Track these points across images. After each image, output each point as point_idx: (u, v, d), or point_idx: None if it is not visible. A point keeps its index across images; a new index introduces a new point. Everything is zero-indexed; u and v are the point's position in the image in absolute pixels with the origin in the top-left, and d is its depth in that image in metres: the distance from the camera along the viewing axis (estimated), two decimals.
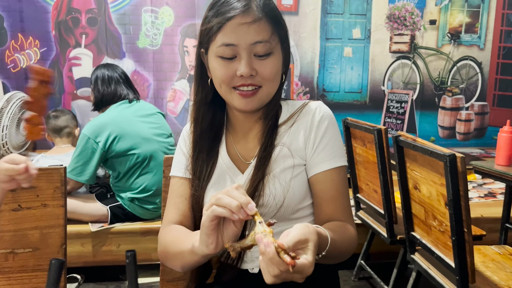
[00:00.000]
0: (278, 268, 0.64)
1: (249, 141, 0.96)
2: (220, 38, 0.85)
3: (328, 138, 0.93)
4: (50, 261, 0.49)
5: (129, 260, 0.53)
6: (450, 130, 3.85)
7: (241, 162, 0.95)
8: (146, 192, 2.15)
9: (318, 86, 3.62)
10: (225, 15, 0.84)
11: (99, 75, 2.22)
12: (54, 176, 0.99)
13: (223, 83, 0.88)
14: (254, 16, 0.84)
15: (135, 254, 0.53)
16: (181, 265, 0.89)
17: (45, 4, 3.16)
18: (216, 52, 0.87)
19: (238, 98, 0.89)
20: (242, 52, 0.85)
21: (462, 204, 1.27)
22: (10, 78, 3.21)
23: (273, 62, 0.88)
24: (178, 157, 1.00)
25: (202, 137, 0.96)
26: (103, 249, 2.15)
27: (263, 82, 0.88)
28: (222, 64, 0.87)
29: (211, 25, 0.86)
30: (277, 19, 0.89)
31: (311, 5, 3.50)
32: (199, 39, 0.91)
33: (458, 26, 3.73)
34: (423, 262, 1.60)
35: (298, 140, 0.93)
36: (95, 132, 2.06)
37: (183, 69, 3.37)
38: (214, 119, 0.97)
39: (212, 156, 0.96)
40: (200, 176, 0.94)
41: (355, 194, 2.20)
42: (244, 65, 0.85)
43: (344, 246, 0.87)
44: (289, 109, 0.97)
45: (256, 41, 0.85)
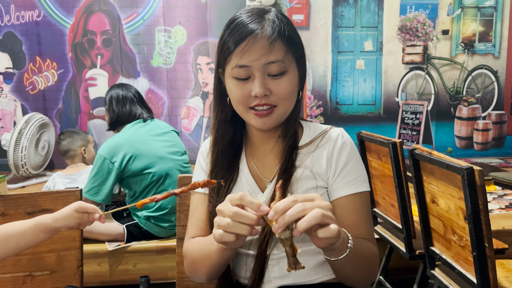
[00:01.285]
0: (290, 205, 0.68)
1: (269, 160, 0.97)
2: (234, 59, 0.86)
3: (351, 164, 0.93)
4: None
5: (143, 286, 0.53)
6: (468, 140, 3.80)
7: (261, 180, 0.96)
8: (161, 211, 2.17)
9: (331, 99, 3.62)
10: (239, 37, 0.85)
11: (113, 95, 2.26)
12: (70, 199, 1.01)
13: (239, 104, 0.90)
14: (267, 37, 0.85)
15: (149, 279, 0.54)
16: (208, 270, 0.90)
17: (62, 27, 3.25)
18: (231, 73, 0.88)
19: (254, 118, 0.90)
20: (255, 72, 0.86)
21: (482, 218, 1.24)
22: (28, 100, 3.29)
23: (288, 81, 0.88)
24: (198, 173, 1.02)
25: (222, 154, 0.97)
26: (120, 268, 2.16)
27: (278, 101, 0.89)
28: (237, 85, 0.88)
29: (226, 46, 0.87)
30: (291, 39, 0.89)
31: (322, 20, 3.53)
32: (216, 60, 0.93)
33: (472, 35, 3.71)
34: (444, 278, 1.57)
35: (320, 164, 0.93)
36: (111, 152, 2.09)
37: (196, 86, 3.41)
38: (234, 136, 0.98)
39: (231, 172, 0.97)
40: (218, 192, 0.95)
41: (372, 208, 2.18)
42: (258, 85, 0.86)
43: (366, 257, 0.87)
44: (311, 132, 0.98)
45: (269, 61, 0.86)
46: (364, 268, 0.87)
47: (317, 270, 0.93)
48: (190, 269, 0.96)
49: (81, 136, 2.62)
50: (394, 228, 1.95)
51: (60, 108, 3.31)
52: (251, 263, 0.92)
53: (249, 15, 0.88)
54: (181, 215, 1.14)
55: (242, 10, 0.91)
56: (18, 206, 1.01)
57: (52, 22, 3.23)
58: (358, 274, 0.87)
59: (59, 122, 3.29)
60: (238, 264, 0.97)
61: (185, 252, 0.97)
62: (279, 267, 0.92)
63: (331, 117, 3.59)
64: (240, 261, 0.96)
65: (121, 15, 3.28)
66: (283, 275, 0.92)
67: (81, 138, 2.61)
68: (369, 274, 0.90)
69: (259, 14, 0.88)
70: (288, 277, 0.92)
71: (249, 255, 0.94)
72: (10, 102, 3.28)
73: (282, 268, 0.92)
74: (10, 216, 1.01)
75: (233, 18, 0.90)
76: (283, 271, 0.92)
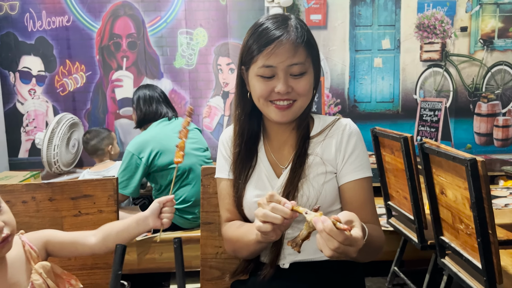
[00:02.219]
0: (337, 239, 0.74)
1: (284, 149, 1.08)
2: (261, 60, 0.98)
3: (358, 151, 1.04)
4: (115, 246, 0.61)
5: (176, 246, 0.65)
6: (487, 136, 3.79)
7: (277, 167, 1.07)
8: (185, 203, 2.30)
9: (349, 97, 3.68)
10: (266, 41, 0.97)
11: (141, 95, 2.40)
12: (108, 185, 1.14)
13: (261, 98, 1.01)
14: (292, 42, 0.97)
15: (181, 240, 0.65)
16: (247, 254, 1.04)
17: (90, 32, 3.40)
18: (257, 72, 0.99)
19: (274, 111, 1.01)
20: (280, 72, 0.98)
21: (485, 206, 1.32)
22: (59, 101, 3.45)
23: (307, 80, 1.00)
24: (220, 160, 1.13)
25: (243, 144, 1.08)
26: (147, 257, 2.30)
27: (298, 97, 1.00)
28: (261, 82, 1.00)
29: (253, 48, 0.99)
30: (311, 44, 1.01)
31: (340, 19, 3.59)
32: (240, 59, 1.05)
33: (491, 31, 3.70)
34: (453, 266, 1.64)
35: (330, 152, 1.04)
36: (138, 148, 2.23)
37: (217, 86, 3.52)
38: (252, 128, 1.10)
39: (250, 160, 1.08)
40: (240, 177, 1.07)
41: (386, 201, 2.25)
42: (282, 84, 0.97)
43: (376, 242, 0.97)
44: (321, 123, 1.09)
45: (293, 63, 0.97)
46: (373, 250, 0.97)
47: None
48: (231, 251, 1.10)
49: (106, 135, 2.73)
50: (407, 220, 2.02)
51: (89, 108, 3.46)
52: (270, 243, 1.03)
53: (274, 22, 0.99)
54: (204, 202, 1.26)
55: (266, 17, 1.03)
56: (63, 192, 1.15)
57: (80, 27, 3.38)
58: (369, 256, 0.98)
59: (87, 122, 3.44)
60: None
61: (225, 235, 1.10)
62: None
63: (349, 115, 3.64)
64: None
65: (145, 18, 3.41)
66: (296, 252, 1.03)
67: (106, 136, 2.72)
68: (376, 253, 1.00)
69: (283, 21, 1.00)
70: (301, 254, 1.03)
71: None
72: (42, 103, 3.44)
73: None
74: (56, 201, 1.15)
75: (258, 23, 1.01)
76: None
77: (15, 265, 0.96)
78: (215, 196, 1.25)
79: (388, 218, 2.29)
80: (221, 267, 1.26)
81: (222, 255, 1.25)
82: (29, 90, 3.41)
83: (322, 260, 1.03)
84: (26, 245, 1.00)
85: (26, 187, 1.15)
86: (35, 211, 1.15)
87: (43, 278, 0.97)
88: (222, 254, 1.25)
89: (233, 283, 1.13)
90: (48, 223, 1.15)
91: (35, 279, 0.96)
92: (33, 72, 3.40)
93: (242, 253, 1.05)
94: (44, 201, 1.15)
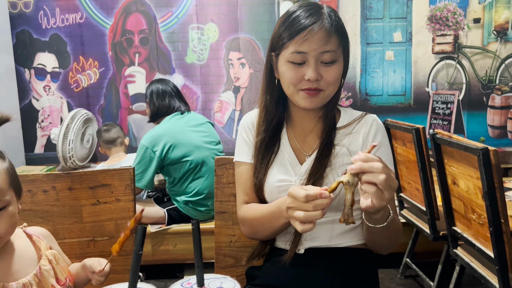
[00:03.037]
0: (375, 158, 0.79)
1: (308, 137, 1.10)
2: (293, 46, 0.99)
3: (384, 147, 1.06)
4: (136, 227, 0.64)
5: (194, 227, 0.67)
6: (501, 129, 3.75)
7: (301, 153, 1.09)
8: (199, 196, 2.33)
9: (361, 90, 3.67)
10: (300, 27, 0.98)
11: (154, 89, 2.43)
12: (125, 175, 1.17)
13: (291, 85, 1.02)
14: (325, 29, 0.98)
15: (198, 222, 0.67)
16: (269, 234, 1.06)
17: (102, 28, 3.44)
18: (288, 58, 1.00)
19: (303, 97, 1.02)
20: (311, 59, 0.99)
21: (497, 195, 1.32)
22: (73, 97, 3.50)
23: (337, 69, 1.01)
24: (241, 144, 1.15)
25: (267, 128, 1.10)
26: (161, 248, 2.34)
27: (327, 86, 1.01)
28: (292, 68, 1.01)
29: (285, 35, 1.00)
30: (343, 34, 1.02)
31: (350, 12, 3.58)
32: (270, 45, 1.06)
33: (505, 22, 3.65)
34: (465, 256, 1.65)
35: (356, 144, 1.06)
36: (152, 142, 2.27)
37: (228, 81, 3.54)
38: (278, 113, 1.11)
39: (273, 145, 1.10)
40: (262, 162, 1.09)
41: (398, 193, 2.26)
42: (312, 70, 0.98)
43: (397, 225, 0.99)
44: (348, 116, 1.10)
45: (324, 50, 0.98)
46: (392, 238, 0.99)
47: (343, 235, 1.06)
48: (249, 233, 1.11)
49: (121, 128, 2.84)
50: (419, 211, 2.03)
51: (102, 104, 3.51)
52: (291, 228, 1.05)
53: (308, 9, 1.01)
54: (218, 192, 1.29)
55: (298, 5, 1.04)
56: (82, 181, 1.19)
57: (93, 24, 3.42)
58: (387, 242, 1.00)
59: (101, 117, 3.49)
60: None
61: (243, 217, 1.11)
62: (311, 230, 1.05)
63: (360, 108, 3.59)
64: None
65: (157, 14, 3.44)
66: (313, 237, 1.06)
67: (122, 129, 2.82)
68: (393, 243, 1.02)
69: (316, 8, 1.01)
70: (317, 240, 1.05)
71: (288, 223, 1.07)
72: (57, 100, 3.50)
73: (314, 232, 1.04)
74: (76, 190, 1.19)
75: (291, 11, 1.03)
76: (313, 233, 1.05)
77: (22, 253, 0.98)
78: (229, 186, 1.28)
79: (400, 210, 2.30)
80: (235, 255, 1.28)
81: (236, 243, 1.28)
82: (44, 86, 3.47)
83: (337, 247, 1.05)
84: (33, 236, 1.02)
85: (46, 177, 1.19)
86: (55, 200, 1.19)
87: (52, 265, 0.99)
88: (236, 243, 1.28)
89: (248, 269, 1.15)
90: (68, 212, 1.19)
91: (43, 264, 0.98)
92: (48, 68, 3.46)
93: (264, 233, 1.06)
94: (64, 190, 1.19)
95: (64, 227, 1.19)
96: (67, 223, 1.19)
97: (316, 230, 1.04)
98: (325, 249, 1.05)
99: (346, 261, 1.04)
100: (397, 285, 2.32)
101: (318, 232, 1.05)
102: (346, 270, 1.04)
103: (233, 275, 1.27)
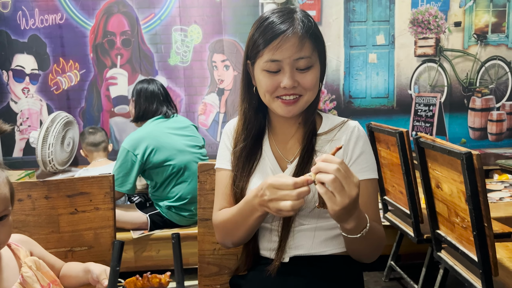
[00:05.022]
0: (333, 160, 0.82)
1: (289, 143, 1.09)
2: (267, 54, 0.97)
3: (365, 153, 1.05)
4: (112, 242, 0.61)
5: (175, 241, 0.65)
6: (482, 131, 3.82)
7: (283, 160, 1.07)
8: (182, 200, 2.29)
9: (344, 93, 3.69)
10: (272, 35, 0.96)
11: (143, 91, 2.35)
12: (104, 183, 1.14)
13: (267, 93, 1.01)
14: (298, 36, 0.96)
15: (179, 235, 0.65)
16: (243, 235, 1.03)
17: (83, 29, 3.38)
18: (263, 67, 0.99)
19: (280, 106, 1.01)
20: (285, 66, 0.97)
21: (480, 199, 1.33)
22: (53, 99, 3.43)
23: (313, 74, 1.00)
24: (223, 151, 1.13)
25: (249, 139, 1.08)
26: (144, 254, 2.30)
27: (304, 91, 1.00)
28: (267, 77, 0.99)
29: (259, 42, 0.98)
30: (317, 38, 1.00)
31: (334, 15, 3.59)
32: (245, 53, 1.04)
33: (484, 26, 3.72)
34: (449, 259, 1.65)
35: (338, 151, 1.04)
36: (134, 145, 2.23)
37: (212, 83, 3.52)
38: (257, 121, 1.09)
39: (255, 153, 1.08)
40: (243, 170, 1.06)
41: (382, 196, 2.26)
42: (287, 78, 0.97)
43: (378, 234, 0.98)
44: (329, 123, 1.09)
45: (299, 57, 0.97)
46: (374, 247, 0.98)
47: (327, 243, 1.04)
48: (223, 237, 1.08)
49: (106, 133, 2.78)
50: (403, 214, 2.03)
51: (83, 106, 3.45)
52: (274, 236, 1.04)
53: (280, 15, 0.99)
54: (201, 199, 1.26)
55: (271, 10, 1.02)
56: (59, 189, 1.15)
57: (74, 25, 3.36)
58: (367, 252, 0.99)
59: (82, 120, 3.43)
60: (263, 238, 1.09)
61: (217, 222, 1.09)
62: (293, 238, 1.03)
63: (344, 111, 3.65)
64: (265, 235, 1.08)
65: (139, 16, 3.40)
66: (297, 245, 1.04)
67: (107, 135, 2.77)
68: (376, 252, 1.01)
69: (289, 15, 0.99)
70: (301, 248, 1.04)
71: (272, 230, 1.05)
72: (36, 102, 3.43)
73: (297, 240, 1.03)
74: (52, 199, 1.15)
75: (264, 17, 1.01)
76: (296, 242, 1.04)
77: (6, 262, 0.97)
78: (212, 192, 1.25)
79: (384, 213, 2.30)
80: (219, 263, 1.26)
81: (220, 251, 1.25)
82: (22, 88, 3.39)
83: (321, 255, 1.04)
84: (12, 244, 1.01)
85: (21, 185, 1.14)
86: (31, 209, 1.14)
87: (33, 271, 0.97)
88: (219, 250, 1.25)
89: (232, 278, 1.13)
90: (44, 221, 1.15)
91: (25, 272, 0.96)
92: (27, 70, 3.39)
93: (237, 235, 1.03)
94: (40, 199, 1.15)
95: (41, 237, 1.15)
96: (43, 233, 1.15)
97: (299, 238, 1.03)
98: (309, 257, 1.04)
99: (331, 268, 1.03)
100: (381, 287, 2.33)
101: (302, 240, 1.04)
102: (331, 277, 1.03)
103: (217, 284, 1.24)
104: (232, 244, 1.08)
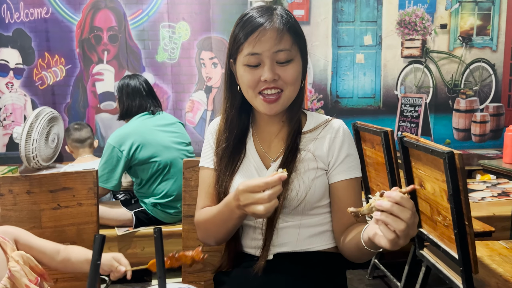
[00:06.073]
0: (407, 206, 0.75)
1: (274, 142, 1.09)
2: (247, 48, 0.98)
3: (349, 153, 1.06)
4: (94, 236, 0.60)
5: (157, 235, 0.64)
6: (466, 132, 3.87)
7: (266, 158, 1.07)
8: (167, 198, 2.28)
9: (332, 92, 3.71)
10: (251, 28, 0.97)
11: (124, 87, 2.35)
12: (88, 178, 1.13)
13: (249, 88, 1.01)
14: (276, 28, 0.97)
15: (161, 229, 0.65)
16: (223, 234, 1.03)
17: (69, 24, 3.34)
18: (243, 61, 0.99)
19: (262, 104, 1.01)
20: (265, 59, 0.97)
21: (462, 198, 1.35)
22: (38, 95, 3.39)
23: (294, 68, 1.00)
24: (207, 150, 1.13)
25: (231, 138, 1.08)
26: (129, 252, 2.29)
27: (285, 86, 1.00)
28: (248, 71, 0.99)
29: (239, 37, 0.99)
30: (296, 32, 1.01)
31: (322, 15, 3.60)
32: (228, 51, 1.04)
33: (470, 29, 3.77)
34: (431, 257, 1.68)
35: (322, 149, 1.05)
36: (119, 141, 2.21)
37: (200, 80, 3.51)
38: (241, 120, 1.09)
39: (239, 152, 1.08)
40: (226, 169, 1.06)
41: (367, 195, 2.28)
42: (267, 71, 0.97)
43: None
44: (314, 121, 1.09)
45: (278, 49, 0.97)
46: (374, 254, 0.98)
47: (311, 240, 1.05)
48: (205, 236, 1.08)
49: (92, 129, 2.76)
50: None
51: (69, 102, 3.41)
52: (258, 234, 1.04)
53: (259, 11, 1.00)
54: (186, 196, 1.26)
55: (252, 7, 1.03)
56: (42, 184, 1.14)
57: (60, 19, 3.31)
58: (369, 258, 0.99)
59: (67, 116, 3.39)
60: (247, 235, 1.09)
61: (198, 221, 1.09)
62: (278, 236, 1.04)
63: (331, 110, 3.67)
64: (249, 233, 1.08)
65: (127, 11, 3.37)
66: (281, 243, 1.04)
67: (92, 131, 2.74)
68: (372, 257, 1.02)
69: (268, 10, 1.00)
70: (285, 245, 1.04)
71: (256, 228, 1.06)
72: (20, 97, 3.37)
73: (281, 237, 1.04)
74: (35, 194, 1.13)
75: (244, 14, 1.01)
76: (281, 239, 1.04)
77: None
78: (197, 189, 1.25)
79: None
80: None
81: (204, 248, 1.25)
82: (6, 83, 3.34)
83: (305, 252, 1.05)
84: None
85: (2, 180, 1.13)
86: (12, 205, 1.13)
87: (21, 265, 0.96)
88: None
89: (216, 274, 1.13)
90: (26, 217, 1.13)
91: (12, 266, 0.95)
92: (11, 64, 3.33)
93: (218, 235, 1.04)
94: (22, 194, 1.13)
95: None
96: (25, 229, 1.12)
97: (283, 235, 1.04)
98: (293, 254, 1.04)
99: (314, 265, 1.04)
100: (365, 285, 2.35)
101: (286, 237, 1.04)
102: (314, 274, 1.03)
103: (201, 280, 1.24)
104: (214, 242, 1.08)
